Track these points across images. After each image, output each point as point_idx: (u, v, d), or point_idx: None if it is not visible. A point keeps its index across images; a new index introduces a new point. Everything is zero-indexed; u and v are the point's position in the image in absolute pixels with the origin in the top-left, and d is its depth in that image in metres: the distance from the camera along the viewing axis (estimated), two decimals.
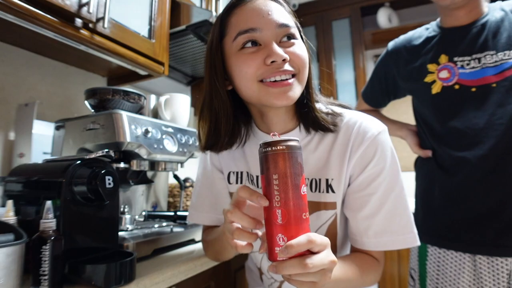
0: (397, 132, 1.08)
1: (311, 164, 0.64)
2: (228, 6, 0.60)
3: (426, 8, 2.48)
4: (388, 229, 0.60)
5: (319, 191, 0.63)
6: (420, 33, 0.99)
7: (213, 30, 0.62)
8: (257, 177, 0.69)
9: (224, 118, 0.62)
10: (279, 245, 0.42)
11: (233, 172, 0.73)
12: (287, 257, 0.41)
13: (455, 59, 0.88)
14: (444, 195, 0.89)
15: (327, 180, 0.63)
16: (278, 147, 0.43)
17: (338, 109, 0.65)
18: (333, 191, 0.63)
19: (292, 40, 0.58)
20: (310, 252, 0.42)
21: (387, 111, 1.20)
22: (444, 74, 0.89)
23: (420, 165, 1.00)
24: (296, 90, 0.57)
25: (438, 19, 0.97)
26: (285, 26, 0.57)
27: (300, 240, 0.40)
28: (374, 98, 1.13)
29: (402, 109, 1.45)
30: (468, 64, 0.86)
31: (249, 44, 0.56)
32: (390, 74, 1.03)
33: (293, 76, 0.57)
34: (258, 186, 0.69)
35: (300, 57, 0.57)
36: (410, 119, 1.08)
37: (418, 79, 0.94)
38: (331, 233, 0.65)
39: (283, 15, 0.58)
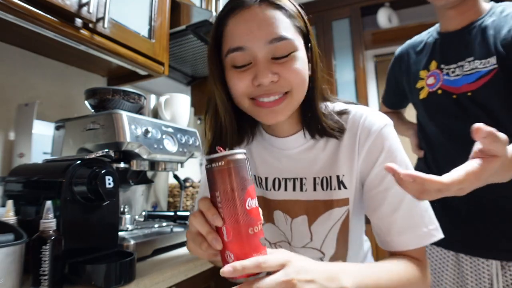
0: (405, 133, 1.10)
1: (321, 163, 0.63)
2: (224, 12, 0.57)
3: (426, 8, 2.48)
4: (411, 224, 0.56)
5: (331, 189, 0.62)
6: (421, 38, 1.00)
7: (211, 36, 0.60)
8: (266, 178, 0.67)
9: (228, 122, 0.61)
10: (227, 262, 0.41)
11: None
12: (234, 276, 0.39)
13: (442, 66, 0.89)
14: None
15: (338, 176, 0.62)
16: (218, 164, 0.41)
17: (343, 106, 0.64)
18: (345, 187, 0.61)
19: (287, 56, 0.53)
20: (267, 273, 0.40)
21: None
22: (430, 80, 0.91)
23: (417, 164, 1.04)
24: (286, 110, 0.56)
25: (438, 24, 0.98)
26: (278, 40, 0.52)
27: (246, 263, 0.39)
28: (390, 101, 1.16)
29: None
30: (453, 72, 0.86)
31: (239, 63, 0.55)
32: (398, 78, 1.07)
33: (287, 93, 0.55)
34: (267, 189, 0.67)
35: (294, 74, 0.54)
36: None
37: (412, 84, 0.97)
38: (344, 231, 0.63)
39: (277, 26, 0.53)
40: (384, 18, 2.45)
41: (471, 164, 0.44)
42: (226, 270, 0.39)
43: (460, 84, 0.83)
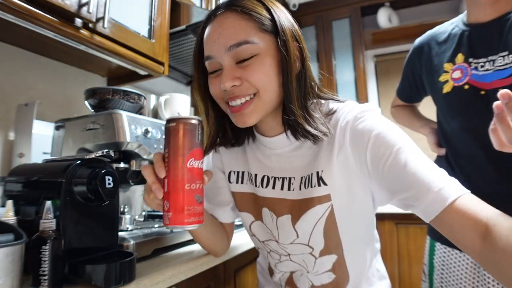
0: (421, 130, 1.06)
1: (305, 161, 0.63)
2: (203, 23, 0.61)
3: (426, 8, 2.49)
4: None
5: (311, 186, 0.61)
6: (445, 29, 0.94)
7: (196, 44, 0.64)
8: (255, 175, 0.69)
9: (212, 121, 0.66)
10: (164, 209, 0.48)
11: (234, 172, 0.74)
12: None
13: (470, 60, 0.83)
14: None
15: (317, 173, 0.61)
16: (171, 124, 0.49)
17: (332, 105, 0.63)
18: (324, 184, 0.60)
19: (248, 60, 0.55)
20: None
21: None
22: (457, 74, 0.85)
23: (435, 162, 1.00)
24: (254, 113, 0.57)
25: (465, 13, 0.91)
26: (237, 46, 0.54)
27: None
28: (406, 94, 1.11)
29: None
30: (482, 66, 0.81)
31: (211, 69, 0.59)
32: (416, 70, 1.01)
33: (255, 94, 0.56)
34: (256, 185, 0.69)
35: (256, 77, 0.55)
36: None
37: (434, 77, 0.91)
38: (330, 228, 0.62)
39: (235, 32, 0.55)
40: (384, 18, 2.45)
41: None
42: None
43: (490, 80, 0.78)
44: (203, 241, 0.75)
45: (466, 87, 0.83)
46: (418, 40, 1.02)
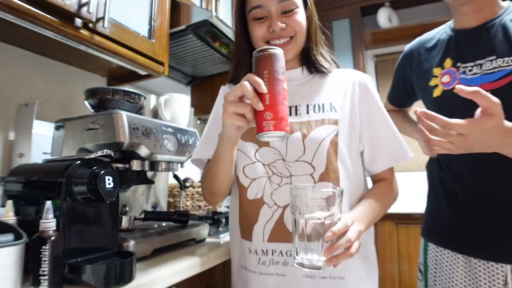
0: (413, 134, 1.08)
1: (315, 93, 0.80)
2: None
3: (426, 8, 2.49)
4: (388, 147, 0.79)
5: (323, 111, 0.78)
6: (433, 35, 0.97)
7: (235, 3, 0.82)
8: None
9: (243, 59, 0.83)
10: (265, 119, 0.55)
11: None
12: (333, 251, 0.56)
13: (458, 64, 0.86)
14: (443, 195, 0.91)
15: (330, 103, 0.78)
16: (272, 51, 0.58)
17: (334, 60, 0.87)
18: (335, 111, 0.77)
19: (291, 11, 0.76)
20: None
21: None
22: (446, 78, 0.88)
23: (427, 165, 1.02)
24: (292, 50, 0.77)
25: (452, 20, 0.95)
26: (284, 0, 0.75)
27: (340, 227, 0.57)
28: (397, 99, 1.14)
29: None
30: (470, 70, 0.83)
31: (258, 16, 0.76)
32: (407, 75, 1.04)
33: (292, 37, 0.76)
34: None
35: (296, 24, 0.76)
36: None
37: (425, 81, 0.94)
38: (332, 151, 0.75)
39: None
40: (384, 18, 2.45)
41: (473, 118, 0.59)
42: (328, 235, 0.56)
43: (478, 83, 0.79)
44: (225, 177, 0.76)
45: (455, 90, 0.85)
46: (408, 46, 1.05)
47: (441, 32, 0.94)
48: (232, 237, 0.85)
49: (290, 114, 0.78)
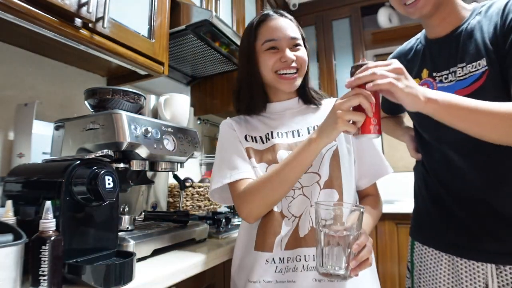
0: (402, 138, 1.11)
1: (313, 118, 0.90)
2: (258, 20, 0.89)
3: None
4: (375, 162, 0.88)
5: None
6: (411, 45, 0.99)
7: (246, 35, 0.91)
8: (271, 133, 0.88)
9: (256, 88, 0.90)
10: (372, 124, 0.66)
11: (249, 135, 0.89)
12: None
13: (434, 74, 0.88)
14: (428, 196, 0.94)
15: None
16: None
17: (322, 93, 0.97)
18: None
19: (298, 47, 0.87)
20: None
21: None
22: None
23: (414, 168, 1.05)
24: (298, 82, 0.88)
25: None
26: (294, 38, 0.86)
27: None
28: (387, 107, 1.16)
29: None
30: (446, 78, 0.85)
31: (272, 48, 0.86)
32: None
33: (297, 70, 0.86)
34: (272, 138, 0.86)
35: (302, 58, 0.87)
36: None
37: None
38: (335, 158, 0.82)
39: (293, 30, 0.87)
40: (384, 17, 2.45)
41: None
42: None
43: (453, 90, 0.82)
44: (294, 182, 0.79)
45: None
46: (390, 57, 1.06)
47: (417, 42, 0.97)
48: (243, 253, 0.85)
49: (293, 136, 0.87)
